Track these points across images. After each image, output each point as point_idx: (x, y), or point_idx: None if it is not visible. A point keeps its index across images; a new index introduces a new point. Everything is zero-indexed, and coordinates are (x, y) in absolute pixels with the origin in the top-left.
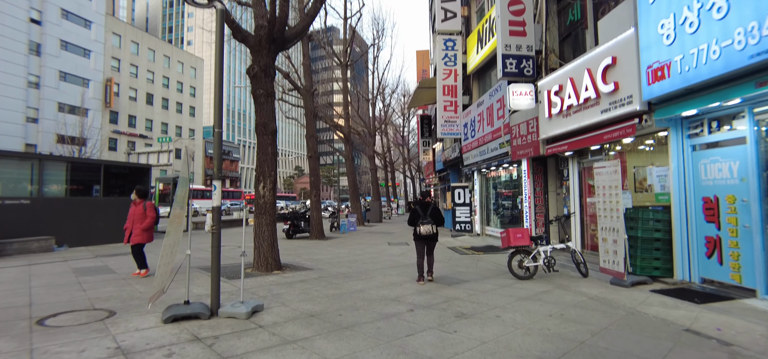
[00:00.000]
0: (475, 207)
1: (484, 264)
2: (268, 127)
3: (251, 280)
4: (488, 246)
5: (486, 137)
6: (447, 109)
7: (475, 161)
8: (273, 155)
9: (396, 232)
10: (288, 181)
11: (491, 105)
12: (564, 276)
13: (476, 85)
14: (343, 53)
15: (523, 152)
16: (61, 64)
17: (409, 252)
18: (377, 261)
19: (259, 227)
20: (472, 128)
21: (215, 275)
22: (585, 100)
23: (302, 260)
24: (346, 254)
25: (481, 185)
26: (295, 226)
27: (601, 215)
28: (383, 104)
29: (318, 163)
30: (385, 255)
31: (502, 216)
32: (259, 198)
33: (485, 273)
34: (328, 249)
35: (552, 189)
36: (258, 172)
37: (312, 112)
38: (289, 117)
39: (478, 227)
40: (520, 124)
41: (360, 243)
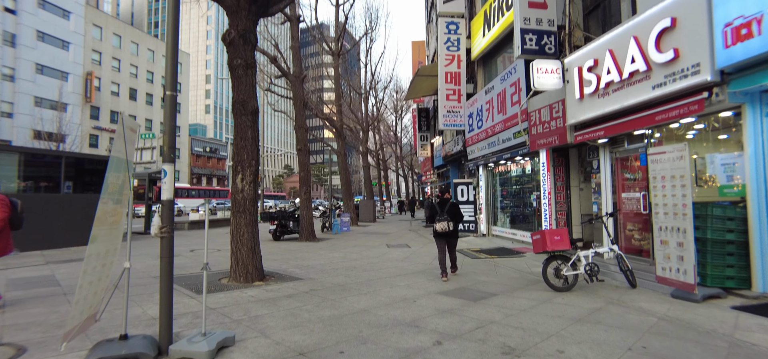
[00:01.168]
0: (481, 205)
1: (503, 270)
2: (248, 105)
3: (225, 296)
4: (500, 248)
5: (496, 127)
6: (449, 97)
7: (482, 154)
8: (254, 140)
9: (393, 233)
10: (277, 180)
11: (503, 90)
12: (608, 286)
13: (481, 73)
14: (335, 41)
15: (545, 141)
16: (38, 56)
17: (412, 255)
18: (379, 268)
19: (237, 228)
20: (478, 118)
21: (165, 297)
22: (630, 75)
23: (290, 267)
24: (341, 259)
25: (487, 181)
26: (283, 227)
27: (660, 212)
28: (375, 99)
29: (308, 156)
30: (386, 260)
31: (513, 215)
32: (236, 193)
33: (511, 283)
34: (321, 253)
35: (574, 184)
36: (235, 161)
37: (302, 100)
38: (277, 110)
39: (484, 227)
40: (542, 109)
41: (356, 245)
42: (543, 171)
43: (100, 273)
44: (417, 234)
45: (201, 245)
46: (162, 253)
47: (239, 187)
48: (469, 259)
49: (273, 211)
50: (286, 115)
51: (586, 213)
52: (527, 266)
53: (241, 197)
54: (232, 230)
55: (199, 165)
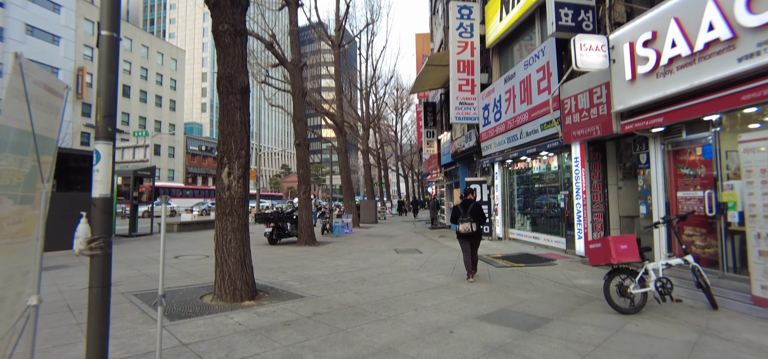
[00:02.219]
0: (496, 205)
1: (540, 283)
2: (236, 81)
3: (205, 323)
4: (524, 255)
5: (519, 118)
6: (462, 88)
7: (500, 150)
8: (244, 125)
9: (398, 235)
10: (274, 180)
11: (527, 77)
12: (683, 308)
13: (497, 61)
14: (336, 32)
15: (583, 132)
16: (27, 50)
17: (427, 263)
18: (393, 281)
19: (223, 234)
20: (495, 110)
21: (94, 352)
22: (706, 46)
23: (288, 279)
24: (347, 268)
25: (503, 180)
26: (280, 229)
27: (759, 214)
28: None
29: (308, 152)
30: (399, 270)
31: (535, 218)
32: (221, 190)
33: (559, 302)
34: (323, 261)
35: (612, 182)
36: (220, 151)
37: (301, 90)
38: (274, 104)
39: (500, 230)
40: (579, 95)
41: (361, 250)
42: (576, 167)
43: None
44: (425, 237)
45: (190, 250)
46: (92, 280)
47: (225, 184)
48: (494, 268)
49: (269, 212)
50: (284, 110)
51: (625, 214)
52: (565, 277)
53: (227, 196)
54: (217, 236)
55: (194, 164)
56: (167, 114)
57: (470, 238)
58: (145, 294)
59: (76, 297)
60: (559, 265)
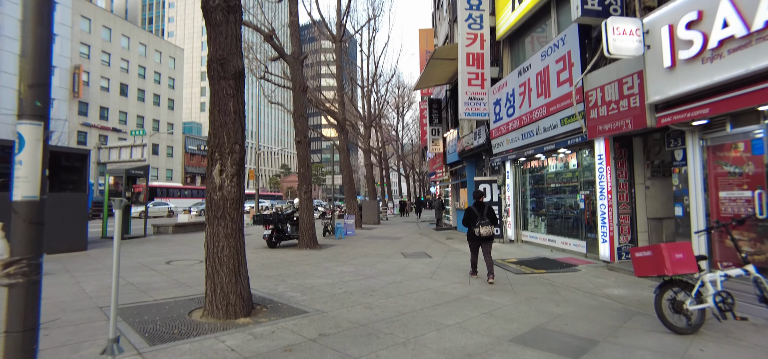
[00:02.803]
0: (508, 206)
1: (569, 293)
2: (229, 64)
3: (191, 348)
4: (541, 259)
5: (535, 113)
6: (472, 82)
7: (513, 147)
8: (238, 116)
9: (403, 237)
10: (274, 180)
11: (545, 68)
12: (750, 327)
13: (508, 54)
14: (337, 27)
15: (611, 127)
16: None
17: (440, 270)
18: (405, 291)
19: (214, 241)
20: (508, 105)
21: None
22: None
23: (288, 289)
24: (353, 275)
25: (515, 179)
26: (280, 231)
27: None
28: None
29: (309, 149)
30: (410, 277)
31: (551, 219)
32: (213, 190)
33: (598, 317)
34: (326, 266)
35: (639, 181)
36: (211, 145)
37: (301, 84)
38: (273, 102)
39: (512, 232)
40: (606, 86)
41: (366, 254)
42: (600, 165)
43: None
44: (431, 240)
45: (184, 254)
46: (9, 321)
47: (217, 183)
48: (513, 275)
49: (268, 213)
50: (283, 108)
51: (654, 216)
52: (594, 286)
53: (219, 197)
54: (208, 243)
55: (193, 163)
56: (165, 113)
57: (486, 241)
58: (127, 310)
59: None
60: (583, 272)
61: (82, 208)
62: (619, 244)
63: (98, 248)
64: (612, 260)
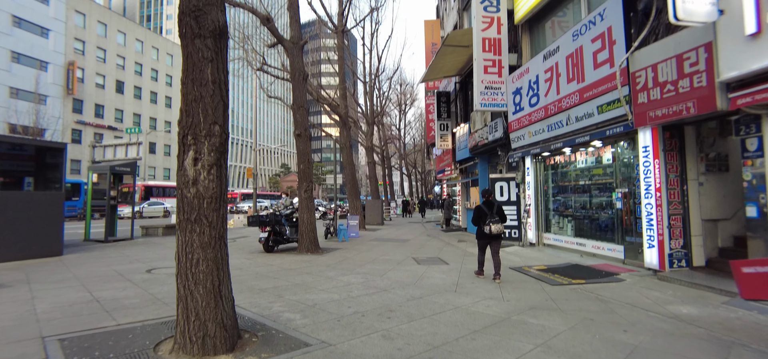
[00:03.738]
0: (528, 206)
1: (627, 312)
2: (205, 17)
3: None
4: (573, 266)
5: (566, 100)
6: (488, 70)
7: (537, 140)
8: (217, 87)
9: (412, 240)
10: (273, 179)
11: (577, 50)
12: None
13: (527, 40)
14: (339, 16)
15: (667, 111)
16: (14, 43)
17: (463, 280)
18: (430, 311)
19: (187, 252)
20: (531, 94)
21: None
22: None
23: (286, 307)
24: (363, 287)
25: (537, 176)
26: (277, 234)
27: None
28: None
29: (309, 143)
30: (430, 290)
31: (579, 220)
32: (185, 185)
33: (690, 352)
34: (330, 277)
35: (692, 177)
36: (183, 126)
37: (301, 72)
38: (271, 96)
39: (533, 235)
40: (660, 64)
41: (374, 259)
42: (647, 158)
43: None
44: (442, 242)
45: (169, 260)
46: None
47: (190, 176)
48: (549, 286)
49: (265, 214)
50: (282, 102)
51: (709, 217)
52: (652, 301)
53: (193, 194)
54: (179, 255)
55: None
56: (163, 111)
57: (496, 239)
58: (76, 341)
59: None
60: (628, 282)
61: (56, 209)
62: (669, 250)
63: (77, 253)
64: (662, 268)
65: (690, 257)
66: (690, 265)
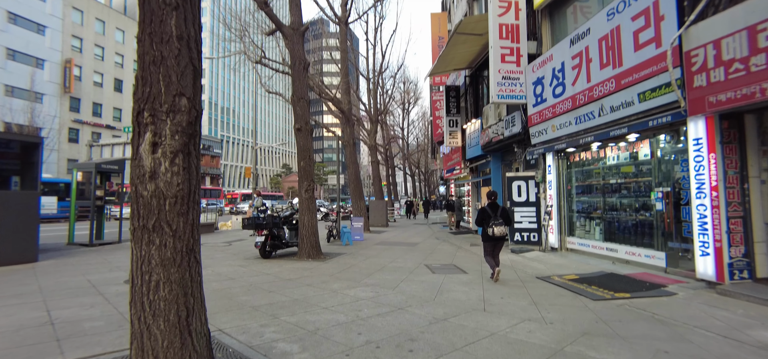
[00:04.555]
0: (550, 207)
1: (703, 340)
2: None
3: None
4: (607, 275)
5: (599, 89)
6: (506, 59)
7: (562, 134)
8: (185, 45)
9: (420, 243)
10: (275, 180)
11: (614, 30)
12: None
13: (547, 26)
14: (343, 7)
15: (734, 96)
16: (9, 40)
17: (490, 295)
18: (461, 339)
19: (143, 270)
20: (555, 83)
21: None
22: None
23: (281, 333)
24: (373, 303)
25: (559, 174)
26: (275, 238)
27: None
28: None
29: (311, 138)
30: (456, 308)
31: (610, 223)
32: (140, 180)
33: None
34: (335, 290)
35: (753, 174)
36: (138, 99)
37: (302, 60)
38: (271, 91)
39: (555, 238)
40: (725, 38)
41: (382, 267)
42: (699, 152)
43: None
44: (453, 246)
45: None
46: None
47: (147, 167)
48: (591, 301)
49: (261, 216)
50: (283, 98)
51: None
52: (725, 324)
53: (151, 192)
54: (133, 275)
55: None
56: None
57: (499, 241)
58: None
59: None
60: (681, 296)
61: (30, 210)
62: (730, 259)
63: (55, 258)
64: (720, 280)
65: (753, 267)
66: (753, 277)
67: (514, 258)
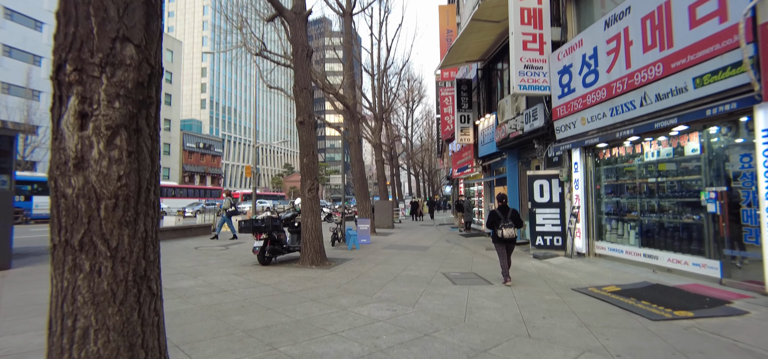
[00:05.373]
0: (576, 209)
1: None
2: None
3: None
4: (651, 285)
5: (641, 74)
6: (528, 46)
7: (594, 128)
8: None
9: (431, 247)
10: (276, 179)
11: (663, 6)
12: None
13: (573, 12)
14: None
15: None
16: (6, 36)
17: (529, 314)
18: None
19: (66, 310)
20: (586, 71)
21: None
22: None
23: None
24: (392, 327)
25: (587, 172)
26: (275, 242)
27: None
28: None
29: (314, 133)
30: (495, 334)
31: (648, 227)
32: (62, 171)
33: None
34: (344, 307)
35: None
36: (60, 44)
37: (304, 47)
38: (272, 86)
39: (582, 243)
40: None
41: (395, 277)
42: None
43: None
44: (468, 250)
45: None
46: None
47: (72, 149)
48: (649, 321)
49: (260, 218)
50: (284, 93)
51: None
52: None
53: (78, 189)
54: (51, 316)
55: (192, 162)
56: (163, 108)
57: (510, 243)
58: None
59: None
60: (755, 316)
61: (3, 211)
62: None
63: (33, 264)
64: None
65: None
66: None
67: (539, 264)
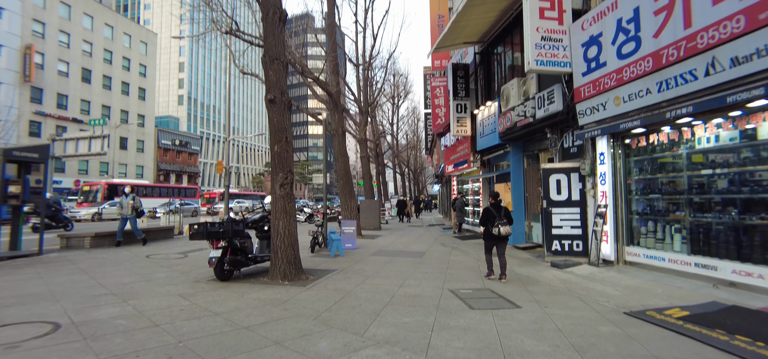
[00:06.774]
0: (603, 207)
1: None
2: None
3: None
4: (727, 308)
5: (707, 34)
6: (545, 14)
7: (629, 110)
8: None
9: (426, 252)
10: (257, 179)
11: None
12: None
13: None
14: None
15: None
16: None
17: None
18: None
19: None
20: (623, 39)
21: None
22: None
23: None
24: None
25: (615, 165)
26: (238, 252)
27: None
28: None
29: (288, 114)
30: None
31: (698, 230)
32: None
33: None
34: (321, 355)
35: None
36: None
37: (276, 9)
38: (246, 72)
39: (610, 248)
40: None
41: (392, 298)
42: None
43: None
44: (466, 255)
45: (64, 297)
46: None
47: None
48: None
49: (218, 222)
50: (258, 78)
51: None
52: None
53: None
54: None
55: (167, 159)
56: (136, 103)
57: (503, 240)
58: None
59: None
60: None
61: None
62: None
63: None
64: None
65: None
66: None
67: (562, 275)
